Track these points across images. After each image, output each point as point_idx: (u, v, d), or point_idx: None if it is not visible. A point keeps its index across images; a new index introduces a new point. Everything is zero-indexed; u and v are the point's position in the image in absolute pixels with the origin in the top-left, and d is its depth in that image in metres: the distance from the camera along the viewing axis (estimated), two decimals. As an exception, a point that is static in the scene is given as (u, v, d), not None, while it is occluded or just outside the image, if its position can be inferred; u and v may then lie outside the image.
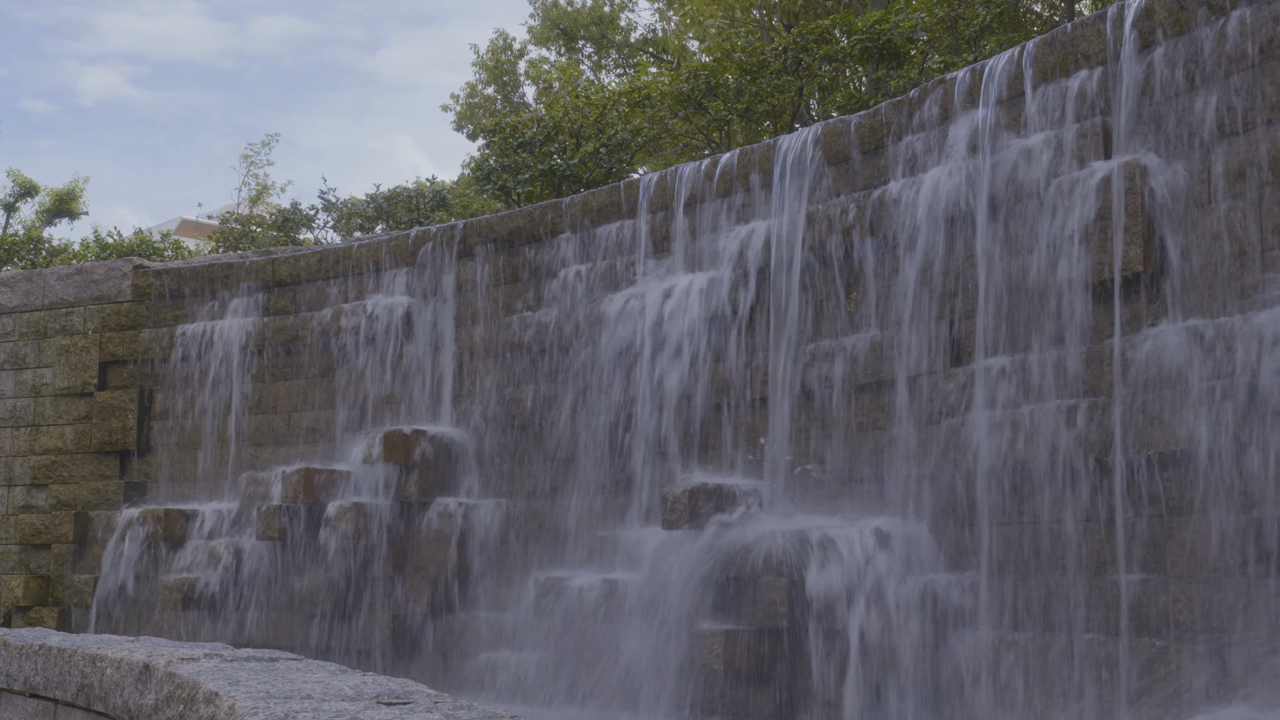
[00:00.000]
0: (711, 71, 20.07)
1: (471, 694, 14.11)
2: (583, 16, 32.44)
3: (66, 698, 5.98)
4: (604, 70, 33.50)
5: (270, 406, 17.54)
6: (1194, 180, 9.75)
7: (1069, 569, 10.25)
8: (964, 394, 11.26)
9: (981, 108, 11.44)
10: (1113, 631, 9.81)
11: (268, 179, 45.54)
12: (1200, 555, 9.23)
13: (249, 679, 4.64)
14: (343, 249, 17.50)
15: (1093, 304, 10.28)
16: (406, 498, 15.68)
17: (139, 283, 18.50)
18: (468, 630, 15.26)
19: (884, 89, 17.83)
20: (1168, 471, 9.56)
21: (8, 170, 39.47)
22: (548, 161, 20.65)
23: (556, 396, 15.17)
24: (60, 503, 18.32)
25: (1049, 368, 10.54)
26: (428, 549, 15.54)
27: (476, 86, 33.68)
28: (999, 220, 11.21)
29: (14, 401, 18.83)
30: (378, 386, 16.66)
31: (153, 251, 26.11)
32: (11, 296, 19.10)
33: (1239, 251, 9.39)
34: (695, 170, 14.32)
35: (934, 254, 11.74)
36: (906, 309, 11.93)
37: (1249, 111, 9.39)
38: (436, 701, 4.21)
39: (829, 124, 13.08)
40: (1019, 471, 10.66)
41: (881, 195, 12.29)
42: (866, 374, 12.22)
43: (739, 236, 13.53)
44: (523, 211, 16.04)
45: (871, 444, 12.14)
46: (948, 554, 11.30)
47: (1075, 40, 10.75)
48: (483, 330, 16.02)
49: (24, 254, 27.45)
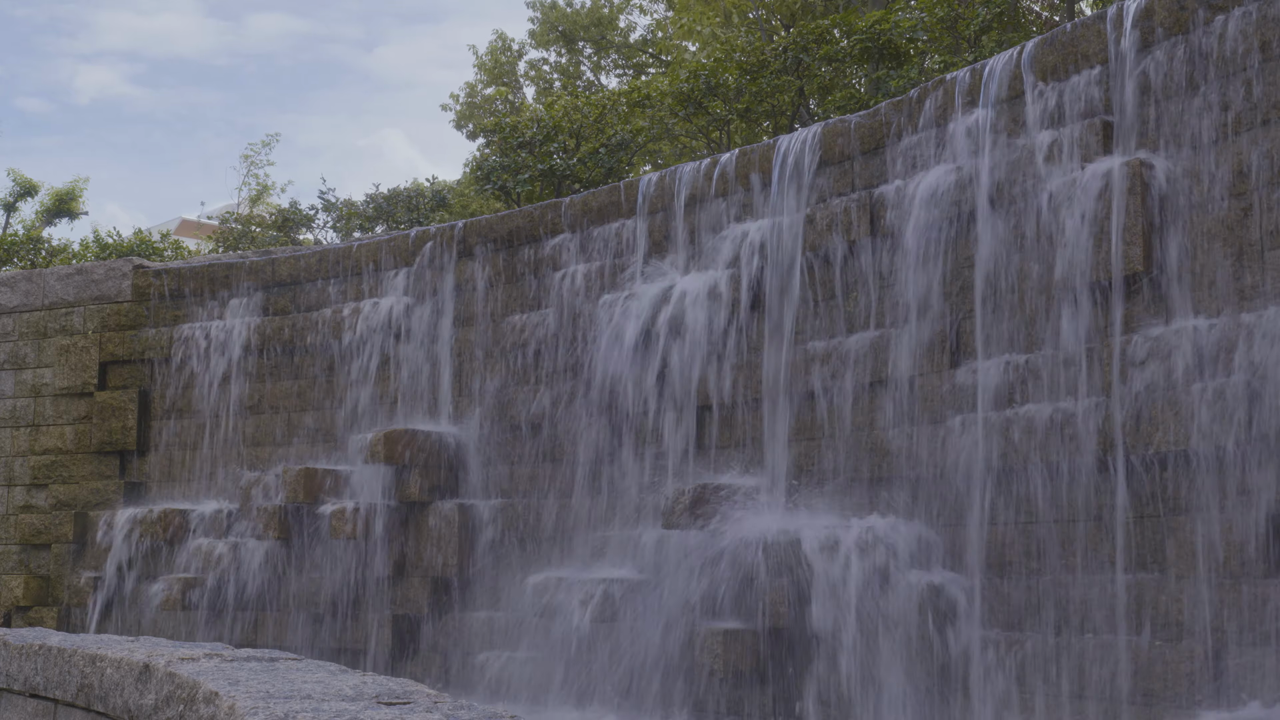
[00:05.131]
0: (711, 71, 20.07)
1: (471, 694, 14.11)
2: (582, 18, 32.45)
3: (66, 698, 5.98)
4: (604, 71, 33.51)
5: (270, 406, 17.54)
6: (1194, 180, 9.75)
7: (1069, 568, 10.25)
8: (963, 394, 11.26)
9: (981, 108, 11.44)
10: (1113, 631, 9.81)
11: (268, 179, 45.51)
12: (1200, 555, 9.23)
13: (249, 679, 4.64)
14: (342, 249, 17.51)
15: (1093, 303, 10.28)
16: (406, 498, 15.68)
17: (139, 283, 18.50)
18: (468, 630, 15.26)
19: (884, 89, 17.83)
20: (1168, 471, 9.55)
21: (7, 170, 39.49)
22: (548, 161, 20.66)
23: (556, 396, 15.17)
24: (60, 503, 18.32)
25: (1049, 367, 10.54)
26: (427, 549, 15.54)
27: (476, 86, 33.69)
28: (999, 220, 11.20)
29: (14, 401, 18.83)
30: (377, 386, 16.65)
31: (152, 251, 26.12)
32: (11, 296, 19.10)
33: (1238, 251, 9.39)
34: (695, 170, 14.32)
35: (933, 254, 11.74)
36: (905, 309, 11.93)
37: (1249, 111, 9.39)
38: (436, 701, 4.21)
39: (829, 124, 13.08)
40: (1018, 471, 10.66)
41: (881, 195, 12.29)
42: (866, 374, 12.22)
43: (738, 236, 13.52)
44: (522, 211, 16.04)
45: (871, 443, 12.14)
46: (947, 553, 11.30)
47: (1075, 40, 10.75)
48: (482, 330, 16.02)
49: (24, 254, 27.45)
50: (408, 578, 15.70)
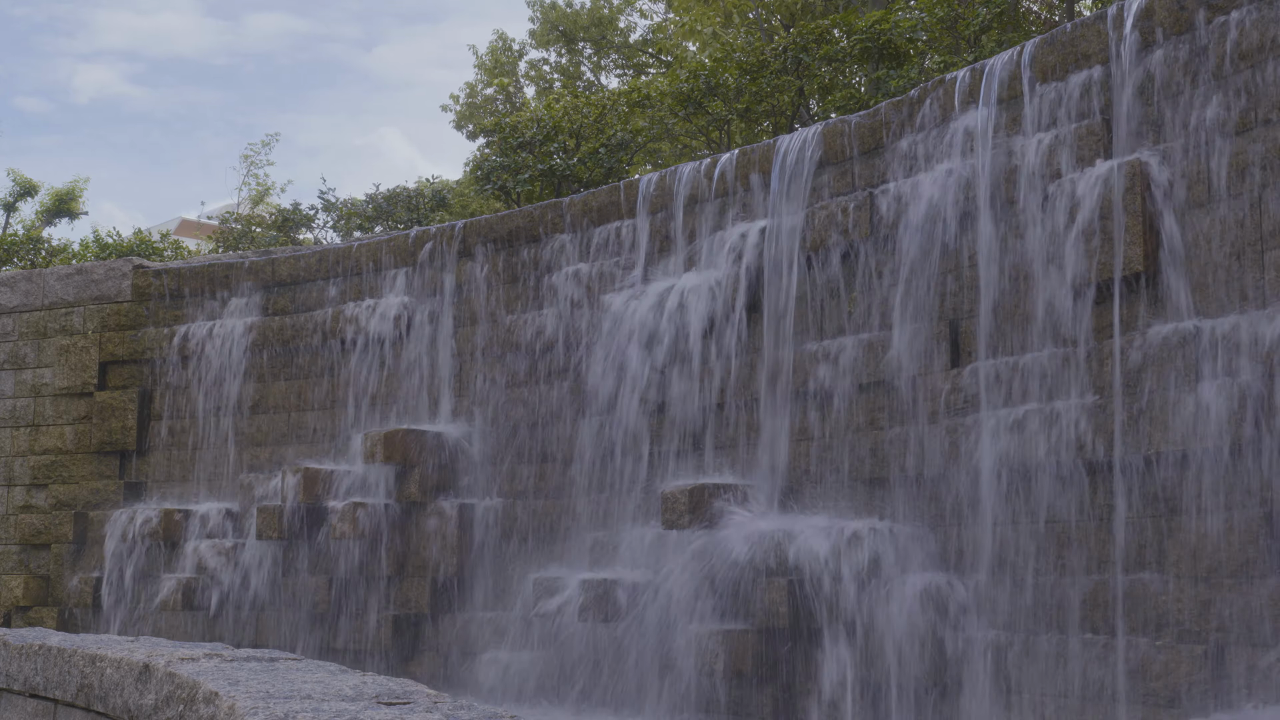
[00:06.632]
0: (711, 71, 20.07)
1: (472, 694, 14.11)
2: (582, 18, 32.44)
3: (66, 698, 5.98)
4: (604, 71, 33.51)
5: (270, 406, 17.55)
6: (1194, 180, 9.75)
7: (1069, 568, 10.25)
8: (963, 393, 11.26)
9: (981, 107, 11.44)
10: (1112, 631, 9.81)
11: (268, 179, 45.51)
12: (1200, 555, 9.23)
13: (249, 679, 4.64)
14: (342, 249, 17.51)
15: (1093, 304, 10.28)
16: (406, 497, 15.68)
17: (139, 283, 18.51)
18: (468, 630, 15.26)
19: (884, 89, 17.84)
20: (1168, 471, 9.55)
21: (7, 170, 39.49)
22: (548, 161, 20.65)
23: (556, 396, 15.18)
24: (60, 503, 18.32)
25: (1049, 367, 10.54)
26: (428, 549, 15.55)
27: (476, 87, 33.69)
28: (999, 220, 11.21)
29: (14, 401, 18.83)
30: (377, 386, 16.66)
31: (152, 251, 26.12)
32: (11, 296, 19.10)
33: (1239, 251, 9.39)
34: (695, 170, 14.32)
35: (933, 254, 11.74)
36: (906, 309, 11.93)
37: (1249, 111, 9.39)
38: (436, 701, 4.21)
39: (828, 124, 13.08)
40: (1018, 471, 10.66)
41: (881, 195, 12.29)
42: (866, 374, 12.22)
43: (738, 236, 13.53)
44: (522, 211, 16.04)
45: (871, 443, 12.14)
46: (947, 553, 11.30)
47: (1075, 40, 10.75)
48: (482, 330, 16.02)
49: (24, 254, 27.46)
50: (408, 578, 15.70)
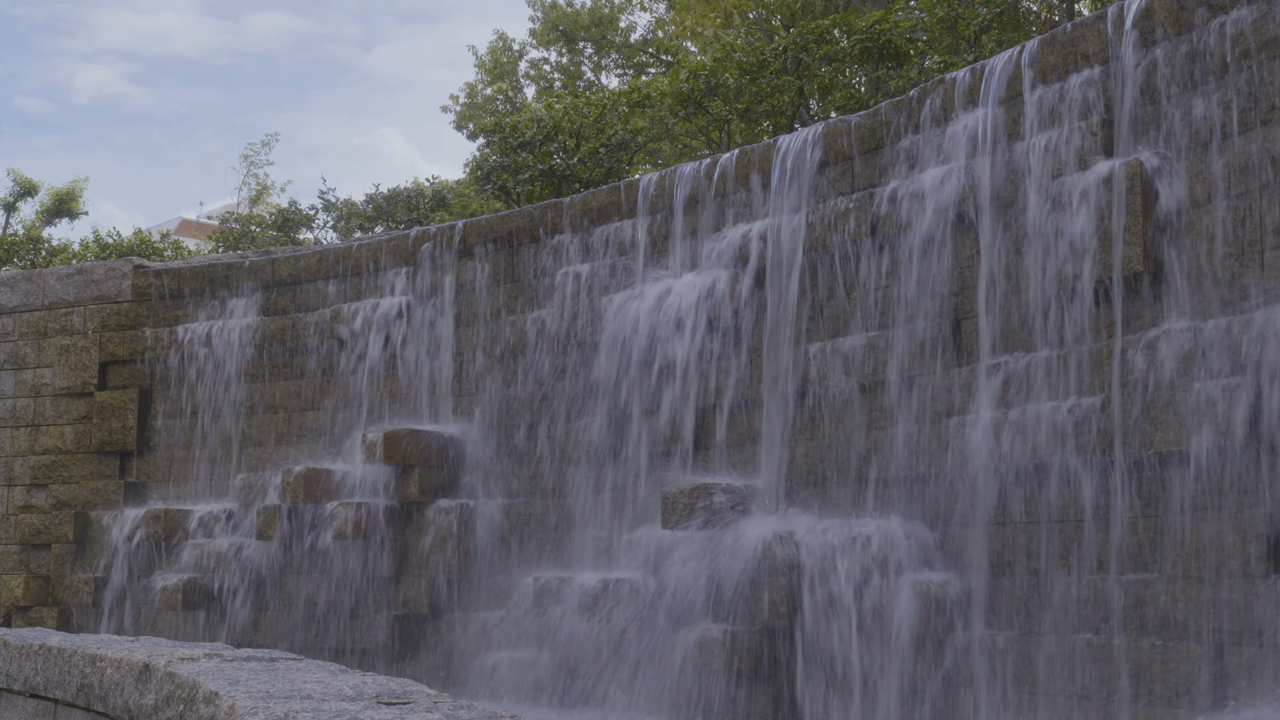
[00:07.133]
0: (711, 71, 20.07)
1: (472, 694, 14.11)
2: (582, 18, 32.44)
3: (66, 698, 5.98)
4: (604, 71, 33.51)
5: (270, 406, 17.55)
6: (1194, 180, 9.75)
7: (1068, 568, 10.25)
8: (964, 393, 11.26)
9: (981, 108, 11.44)
10: (1112, 631, 9.81)
11: (267, 179, 45.52)
12: (1199, 555, 9.23)
13: (249, 679, 4.64)
14: (342, 249, 17.51)
15: (1093, 304, 10.28)
16: (406, 498, 15.68)
17: (139, 283, 18.51)
18: (468, 630, 15.26)
19: (884, 89, 17.83)
20: (1168, 471, 9.55)
21: (7, 170, 39.50)
22: (548, 161, 20.65)
23: (556, 396, 15.18)
24: (60, 503, 18.33)
25: (1049, 367, 10.54)
26: (428, 549, 15.54)
27: (476, 87, 33.69)
28: (999, 220, 11.21)
29: (14, 401, 18.84)
30: (377, 386, 16.66)
31: (152, 251, 26.12)
32: (11, 296, 19.10)
33: (1238, 251, 9.39)
34: (695, 170, 14.32)
35: (934, 254, 11.74)
36: (906, 309, 11.94)
37: (1249, 111, 9.39)
38: (436, 701, 4.21)
39: (829, 124, 13.08)
40: (1018, 471, 10.66)
41: (881, 195, 12.29)
42: (866, 374, 12.22)
43: (738, 236, 13.53)
44: (522, 211, 16.04)
45: (872, 443, 12.14)
46: (947, 553, 11.30)
47: (1075, 40, 10.75)
48: (482, 330, 16.02)
49: (24, 254, 27.45)
50: (408, 578, 15.70)
